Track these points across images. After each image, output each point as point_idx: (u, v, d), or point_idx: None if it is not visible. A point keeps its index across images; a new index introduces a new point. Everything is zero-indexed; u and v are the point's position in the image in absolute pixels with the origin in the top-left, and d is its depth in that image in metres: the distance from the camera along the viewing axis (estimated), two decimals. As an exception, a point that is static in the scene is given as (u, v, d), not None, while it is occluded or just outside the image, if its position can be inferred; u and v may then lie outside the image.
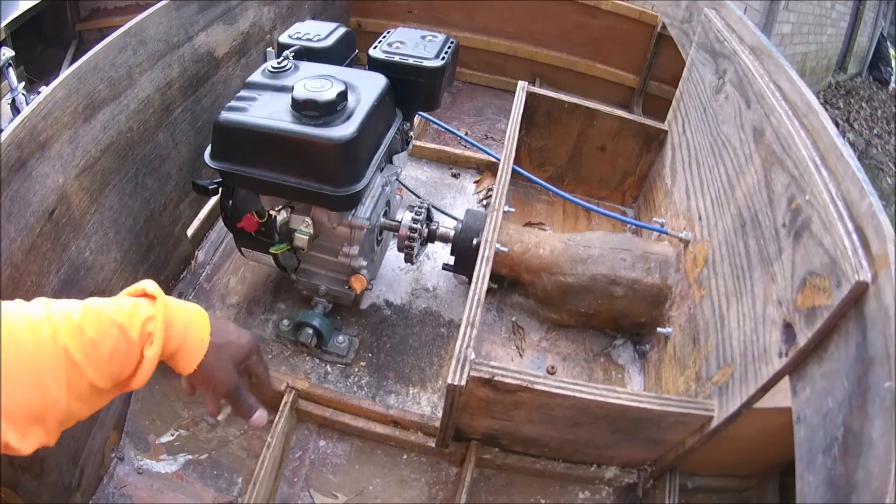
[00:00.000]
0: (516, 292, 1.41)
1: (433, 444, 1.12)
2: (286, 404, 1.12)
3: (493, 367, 0.88)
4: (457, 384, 0.86)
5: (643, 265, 1.27)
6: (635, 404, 0.90)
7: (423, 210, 1.23)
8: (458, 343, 0.90)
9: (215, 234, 1.53)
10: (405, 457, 1.15)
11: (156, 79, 1.22)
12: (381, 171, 1.22)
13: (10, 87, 2.07)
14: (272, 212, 1.14)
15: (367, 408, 1.14)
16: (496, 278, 1.38)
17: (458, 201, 1.69)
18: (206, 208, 1.49)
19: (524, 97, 1.50)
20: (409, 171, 1.75)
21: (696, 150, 1.32)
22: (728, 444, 0.99)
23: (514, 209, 1.51)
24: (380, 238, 1.29)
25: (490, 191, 1.68)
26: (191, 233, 1.44)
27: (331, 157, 0.99)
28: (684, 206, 1.32)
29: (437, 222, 1.30)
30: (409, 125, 1.35)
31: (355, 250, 1.16)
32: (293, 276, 1.25)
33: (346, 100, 1.04)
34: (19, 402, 0.50)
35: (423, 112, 1.54)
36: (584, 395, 0.89)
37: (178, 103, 1.30)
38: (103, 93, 1.08)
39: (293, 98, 1.02)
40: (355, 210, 1.14)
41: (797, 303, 0.76)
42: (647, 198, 1.62)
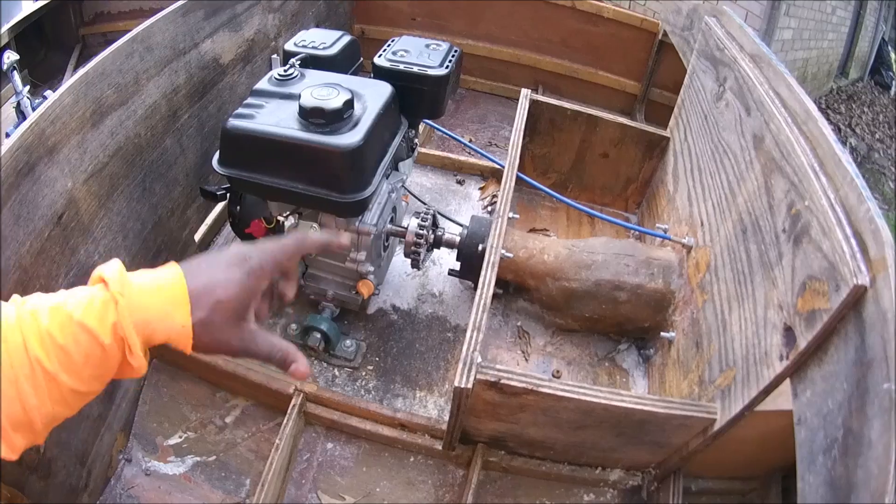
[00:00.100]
0: (521, 297, 1.42)
1: (440, 447, 1.12)
2: (294, 407, 1.13)
3: (499, 370, 0.89)
4: (463, 387, 0.87)
5: (646, 271, 1.28)
6: (639, 407, 0.90)
7: (428, 216, 1.24)
8: (464, 347, 0.91)
9: (222, 240, 1.54)
10: (412, 459, 1.16)
11: (162, 85, 1.23)
12: (388, 178, 1.23)
13: (15, 90, 2.08)
14: (280, 218, 1.15)
15: (374, 411, 1.15)
16: (501, 284, 1.39)
17: (462, 208, 1.70)
18: (214, 214, 1.50)
19: (527, 104, 1.51)
20: (415, 178, 1.76)
21: (698, 156, 1.33)
22: (731, 446, 0.99)
23: (518, 215, 1.52)
24: (386, 244, 1.30)
25: (494, 197, 1.69)
26: (198, 238, 1.45)
27: (338, 165, 1.00)
28: (686, 212, 1.33)
29: (443, 228, 1.31)
30: (414, 132, 1.36)
31: (362, 256, 1.17)
32: (301, 281, 1.26)
33: (353, 108, 1.06)
34: (3, 413, 0.48)
35: (427, 120, 1.55)
36: (588, 398, 0.90)
37: (185, 109, 1.32)
38: (111, 98, 1.09)
39: (300, 106, 1.03)
40: (362, 216, 1.15)
41: (797, 307, 0.77)
42: (650, 204, 1.63)
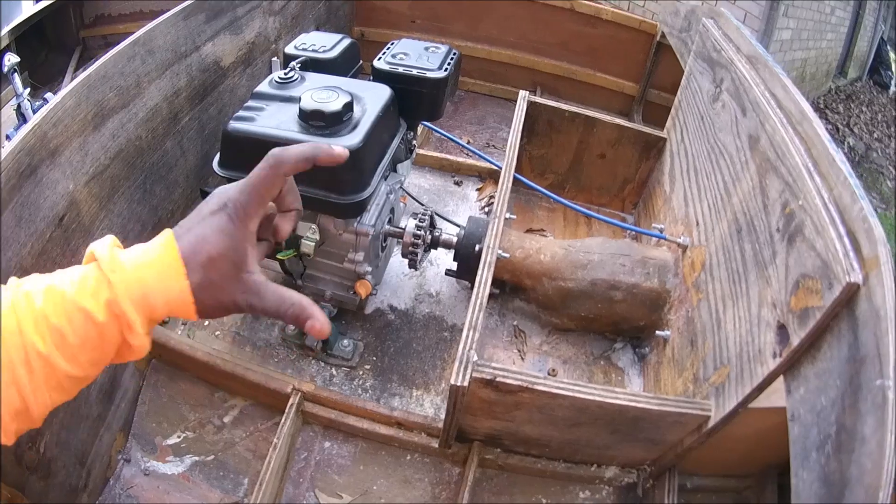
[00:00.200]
0: (518, 297, 1.43)
1: (436, 445, 1.13)
2: (292, 406, 1.14)
3: (494, 368, 0.90)
4: (459, 385, 0.87)
5: (642, 270, 1.28)
6: (633, 404, 0.91)
7: (426, 217, 1.24)
8: (460, 345, 0.91)
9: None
10: (409, 457, 1.16)
11: (164, 88, 1.24)
12: (386, 180, 1.24)
13: (16, 92, 2.08)
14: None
15: (371, 410, 1.15)
16: (498, 284, 1.40)
17: (460, 208, 1.71)
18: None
19: (525, 106, 1.52)
20: (413, 179, 1.77)
21: (694, 157, 1.34)
22: (726, 443, 1.00)
23: (515, 216, 1.52)
24: (384, 244, 1.31)
25: (492, 198, 1.70)
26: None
27: (337, 166, 1.00)
28: (682, 212, 1.34)
29: (440, 229, 1.31)
30: (412, 134, 1.37)
31: (360, 256, 1.18)
32: (299, 282, 1.27)
33: (352, 110, 1.07)
34: None
35: (426, 121, 1.56)
36: (583, 396, 0.90)
37: (186, 112, 1.33)
38: (112, 101, 1.10)
39: (300, 108, 1.04)
40: (360, 217, 1.15)
41: (790, 304, 0.77)
42: (647, 204, 1.64)
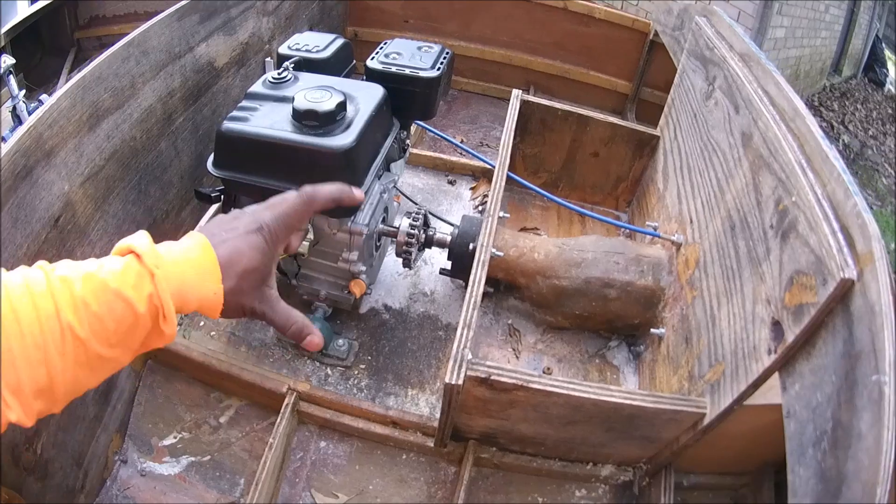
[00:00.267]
0: (512, 296, 1.43)
1: (432, 444, 1.13)
2: (287, 406, 1.13)
3: (489, 366, 0.90)
4: (454, 383, 0.87)
5: (636, 268, 1.29)
6: (628, 402, 0.91)
7: (420, 216, 1.24)
8: (455, 344, 0.91)
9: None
10: (404, 457, 1.16)
11: (158, 88, 1.24)
12: (380, 179, 1.24)
13: (11, 94, 2.08)
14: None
15: (366, 409, 1.15)
16: (492, 282, 1.40)
17: (454, 207, 1.71)
18: (207, 215, 1.51)
19: (518, 105, 1.52)
20: (407, 179, 1.77)
21: (688, 154, 1.34)
22: (722, 441, 1.00)
23: (509, 215, 1.53)
24: (378, 244, 1.31)
25: (485, 197, 1.70)
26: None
27: (331, 166, 1.01)
28: (676, 209, 1.34)
29: (434, 228, 1.31)
30: (406, 134, 1.37)
31: (354, 256, 1.18)
32: (294, 281, 1.27)
33: (346, 110, 1.07)
34: (26, 379, 0.49)
35: (419, 121, 1.56)
36: (578, 394, 0.90)
37: (180, 112, 1.33)
38: (107, 102, 1.10)
39: (294, 108, 1.04)
40: (354, 216, 1.15)
41: (785, 301, 0.78)
42: (640, 202, 1.64)
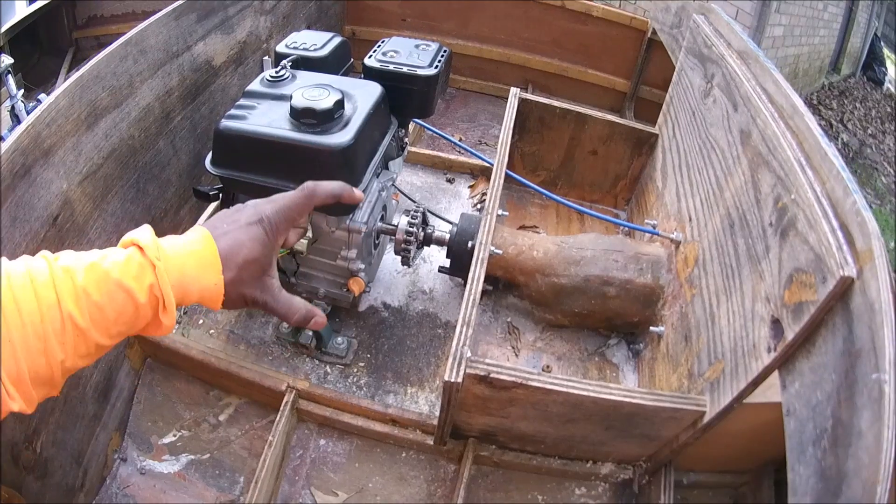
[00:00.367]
0: (511, 294, 1.43)
1: (431, 442, 1.13)
2: (287, 404, 1.14)
3: (488, 364, 0.90)
4: (453, 381, 0.87)
5: (635, 266, 1.29)
6: (628, 400, 0.91)
7: (418, 214, 1.24)
8: (454, 341, 0.91)
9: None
10: (404, 454, 1.16)
11: (156, 87, 1.24)
12: (378, 177, 1.24)
13: (10, 94, 2.09)
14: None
15: (366, 407, 1.15)
16: (491, 280, 1.40)
17: (452, 206, 1.70)
18: (206, 214, 1.51)
19: (517, 103, 1.52)
20: (405, 177, 1.77)
21: (686, 152, 1.34)
22: (722, 439, 1.00)
23: (507, 213, 1.52)
24: (377, 242, 1.31)
25: (484, 195, 1.70)
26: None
27: (329, 164, 1.00)
28: (675, 207, 1.34)
29: (433, 226, 1.31)
30: (404, 132, 1.37)
31: (353, 254, 1.18)
32: (292, 280, 1.27)
33: (343, 108, 1.06)
34: (27, 368, 0.50)
35: (417, 119, 1.55)
36: (577, 392, 0.90)
37: (178, 111, 1.33)
38: (105, 101, 1.10)
39: (292, 106, 1.04)
40: (353, 214, 1.15)
41: (784, 299, 0.78)
42: (639, 200, 1.64)
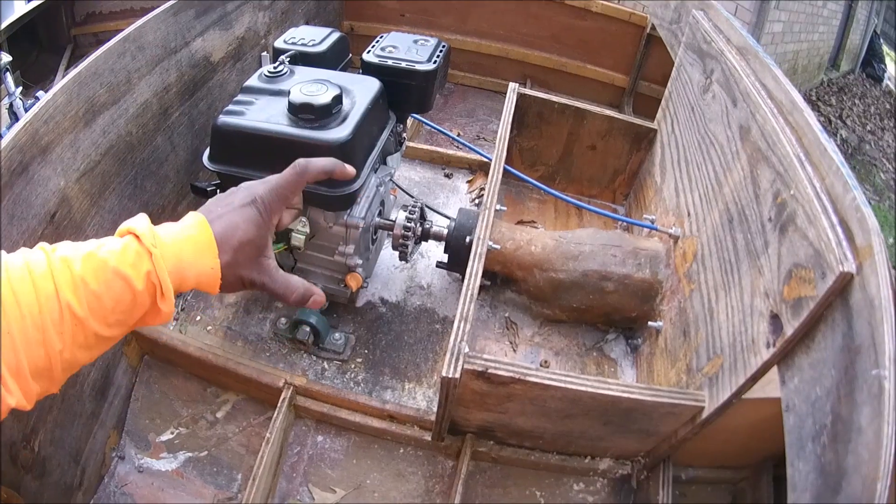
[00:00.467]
0: (509, 289, 1.43)
1: (429, 438, 1.13)
2: (284, 400, 1.13)
3: (486, 359, 0.89)
4: (451, 377, 0.87)
5: (634, 261, 1.28)
6: (626, 395, 0.91)
7: (416, 209, 1.24)
8: (452, 337, 0.91)
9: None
10: (402, 451, 1.16)
11: (154, 83, 1.24)
12: (376, 172, 1.24)
13: (8, 91, 2.08)
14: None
15: (363, 403, 1.15)
16: (489, 275, 1.40)
17: (450, 201, 1.71)
18: (203, 210, 1.51)
19: (515, 98, 1.52)
20: (403, 172, 1.77)
21: (685, 148, 1.34)
22: (720, 435, 1.00)
23: (506, 208, 1.52)
24: (375, 237, 1.30)
25: (482, 190, 1.69)
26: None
27: (327, 159, 1.00)
28: (673, 202, 1.34)
29: (431, 221, 1.31)
30: (402, 127, 1.37)
31: (351, 249, 1.17)
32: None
33: (341, 103, 1.06)
34: (25, 360, 0.50)
35: (415, 114, 1.55)
36: (575, 387, 0.90)
37: (176, 107, 1.32)
38: (103, 98, 1.10)
39: (290, 102, 1.03)
40: (351, 210, 1.15)
41: (783, 294, 0.78)
42: (637, 195, 1.64)
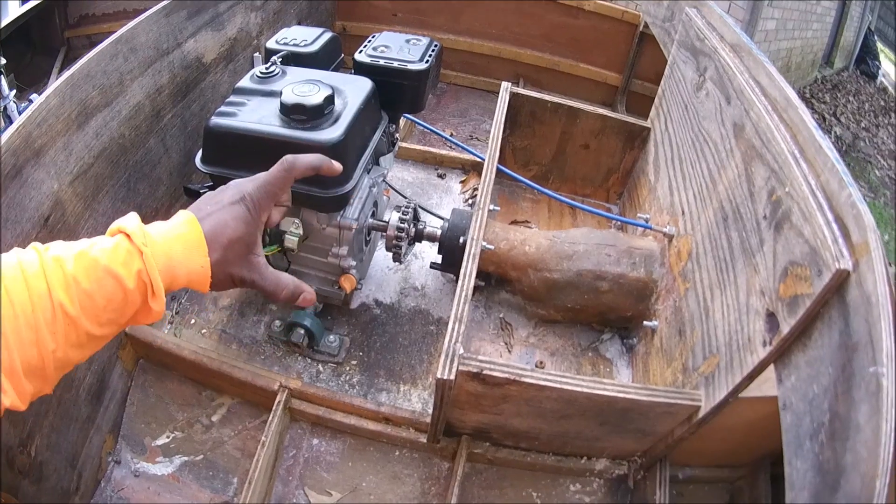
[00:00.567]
0: (503, 289, 1.42)
1: (425, 440, 1.12)
2: (279, 404, 1.13)
3: (481, 361, 0.89)
4: (446, 378, 0.87)
5: (628, 260, 1.28)
6: (622, 395, 0.91)
7: (409, 210, 1.24)
8: (446, 338, 0.91)
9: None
10: (397, 453, 1.16)
11: (146, 85, 1.23)
12: (369, 173, 1.23)
13: (1, 94, 2.08)
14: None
15: (358, 405, 1.14)
16: (483, 276, 1.39)
17: (444, 201, 1.70)
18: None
19: (508, 98, 1.51)
20: (396, 173, 1.76)
21: (679, 146, 1.34)
22: (717, 434, 1.00)
23: (499, 208, 1.52)
24: (368, 238, 1.30)
25: (475, 190, 1.69)
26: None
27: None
28: (667, 201, 1.34)
29: (424, 222, 1.31)
30: (394, 127, 1.36)
31: (344, 251, 1.17)
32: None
33: (333, 103, 1.06)
34: (19, 360, 0.50)
35: (408, 114, 1.55)
36: (571, 387, 0.90)
37: (168, 109, 1.32)
38: (96, 100, 1.09)
39: (282, 103, 1.03)
40: (344, 211, 1.15)
41: (779, 292, 0.77)
42: (631, 194, 1.64)
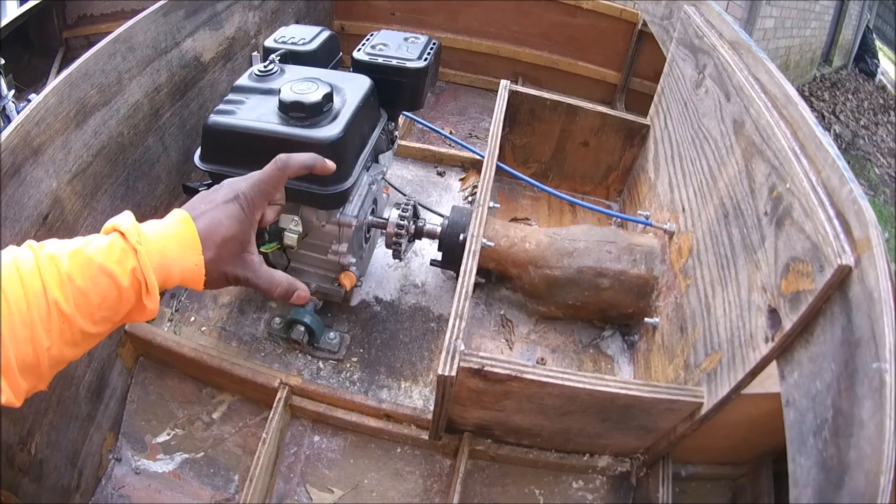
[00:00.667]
0: (504, 286, 1.42)
1: (426, 437, 1.12)
2: (280, 401, 1.13)
3: (482, 357, 0.89)
4: (447, 375, 0.87)
5: (629, 257, 1.28)
6: (624, 392, 0.90)
7: (409, 207, 1.24)
8: (447, 335, 0.91)
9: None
10: (399, 450, 1.16)
11: (145, 84, 1.23)
12: (368, 170, 1.23)
13: (0, 95, 2.07)
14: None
15: (359, 402, 1.14)
16: (483, 273, 1.39)
17: (443, 199, 1.70)
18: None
19: (507, 96, 1.51)
20: (395, 170, 1.76)
21: (678, 143, 1.34)
22: (719, 431, 1.00)
23: (499, 205, 1.52)
24: (368, 235, 1.30)
25: (475, 188, 1.69)
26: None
27: (319, 157, 1.00)
28: (668, 198, 1.34)
29: (424, 219, 1.31)
30: (393, 125, 1.37)
31: (344, 248, 1.17)
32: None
33: (332, 101, 1.06)
34: (14, 357, 0.50)
35: (407, 112, 1.55)
36: (572, 384, 0.90)
37: (167, 108, 1.32)
38: (94, 99, 1.09)
39: (280, 100, 1.03)
40: (343, 208, 1.14)
41: (781, 288, 0.77)
42: (631, 191, 1.64)
